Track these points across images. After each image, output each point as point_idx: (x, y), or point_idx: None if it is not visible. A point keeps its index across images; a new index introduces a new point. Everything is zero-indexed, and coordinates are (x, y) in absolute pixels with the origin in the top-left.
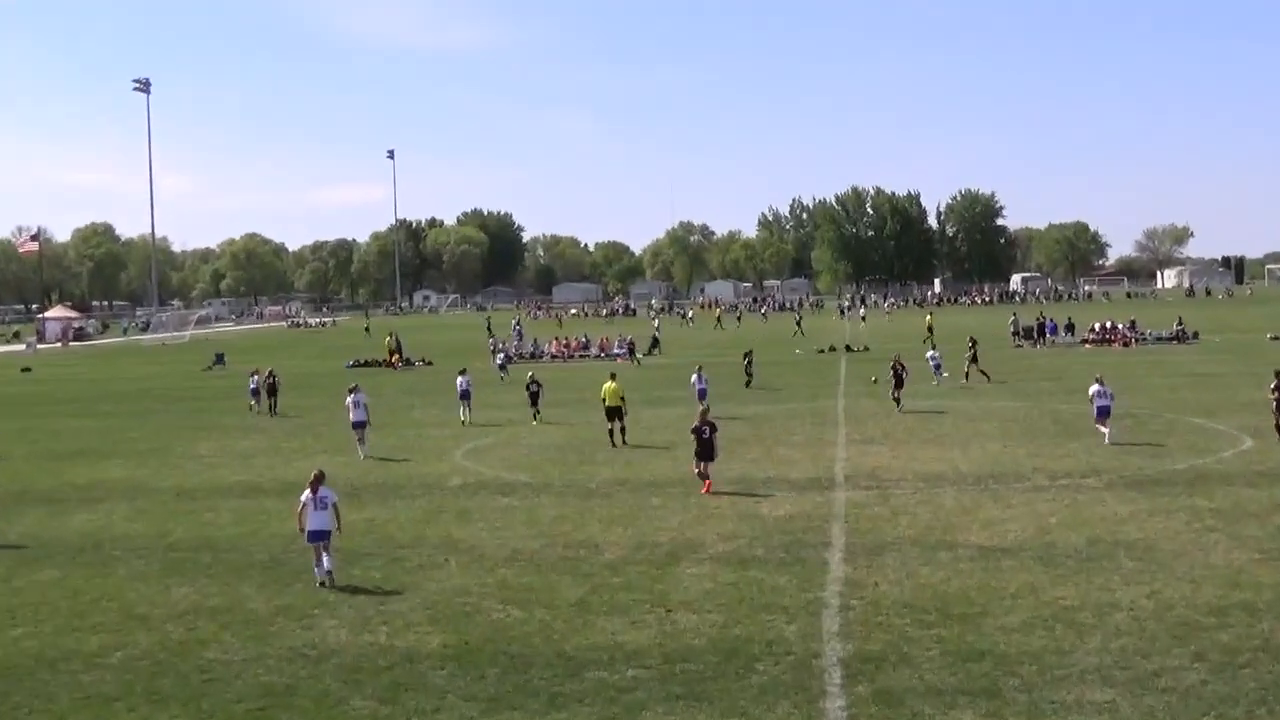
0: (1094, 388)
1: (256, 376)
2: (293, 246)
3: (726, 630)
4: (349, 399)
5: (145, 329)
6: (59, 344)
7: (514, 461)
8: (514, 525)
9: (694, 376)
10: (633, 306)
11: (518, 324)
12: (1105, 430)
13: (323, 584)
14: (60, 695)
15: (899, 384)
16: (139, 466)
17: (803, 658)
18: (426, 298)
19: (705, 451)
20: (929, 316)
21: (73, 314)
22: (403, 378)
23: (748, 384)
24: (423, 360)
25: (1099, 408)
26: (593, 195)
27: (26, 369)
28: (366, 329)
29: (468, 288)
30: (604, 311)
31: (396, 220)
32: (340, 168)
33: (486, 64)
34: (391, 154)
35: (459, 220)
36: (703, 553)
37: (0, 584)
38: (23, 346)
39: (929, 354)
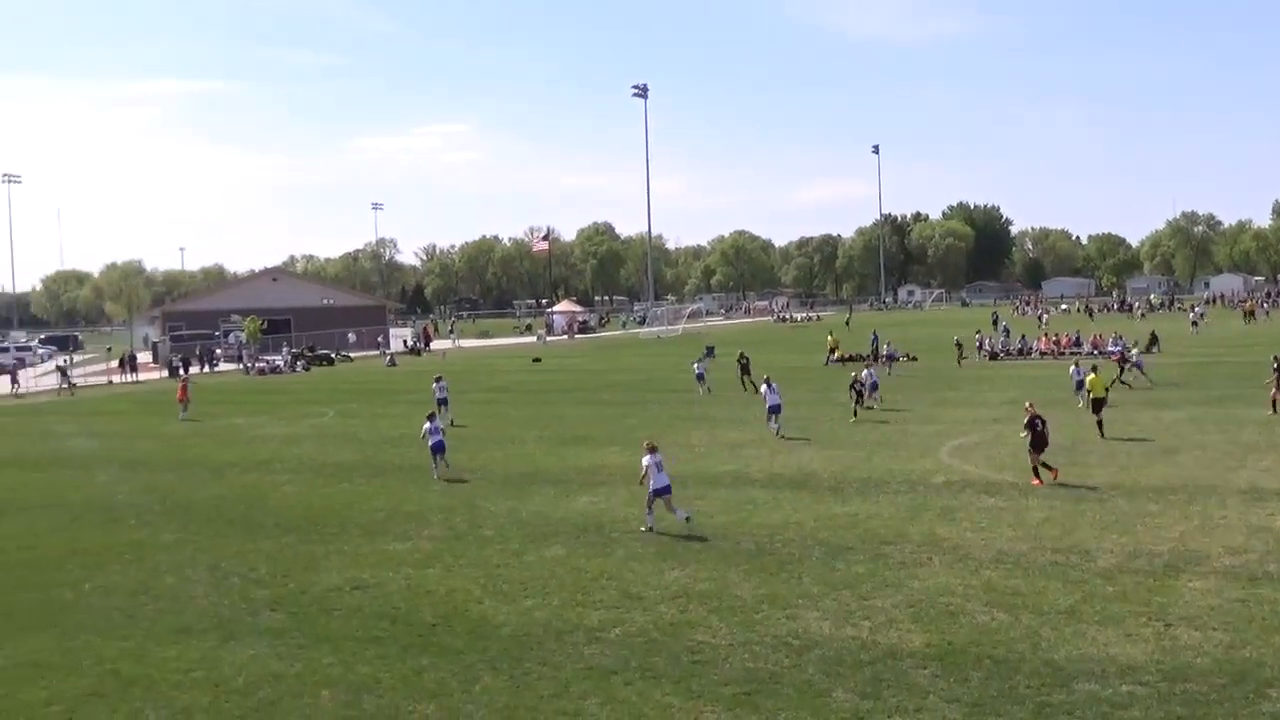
0: None
1: (699, 365)
2: (779, 243)
3: (1234, 651)
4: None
5: (642, 323)
6: (565, 336)
7: (1000, 461)
8: (1000, 526)
9: (764, 388)
10: (1129, 302)
11: (996, 319)
12: None
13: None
14: (564, 664)
15: None
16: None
17: None
18: (911, 293)
19: (1039, 443)
20: None
21: (577, 308)
22: (882, 373)
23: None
24: (907, 356)
25: None
26: (1085, 186)
27: (537, 359)
28: (847, 323)
29: (952, 282)
30: (1096, 307)
31: (881, 215)
32: (824, 164)
33: (968, 55)
34: (876, 149)
35: (944, 214)
36: (1206, 566)
37: (513, 558)
38: (534, 339)
39: None
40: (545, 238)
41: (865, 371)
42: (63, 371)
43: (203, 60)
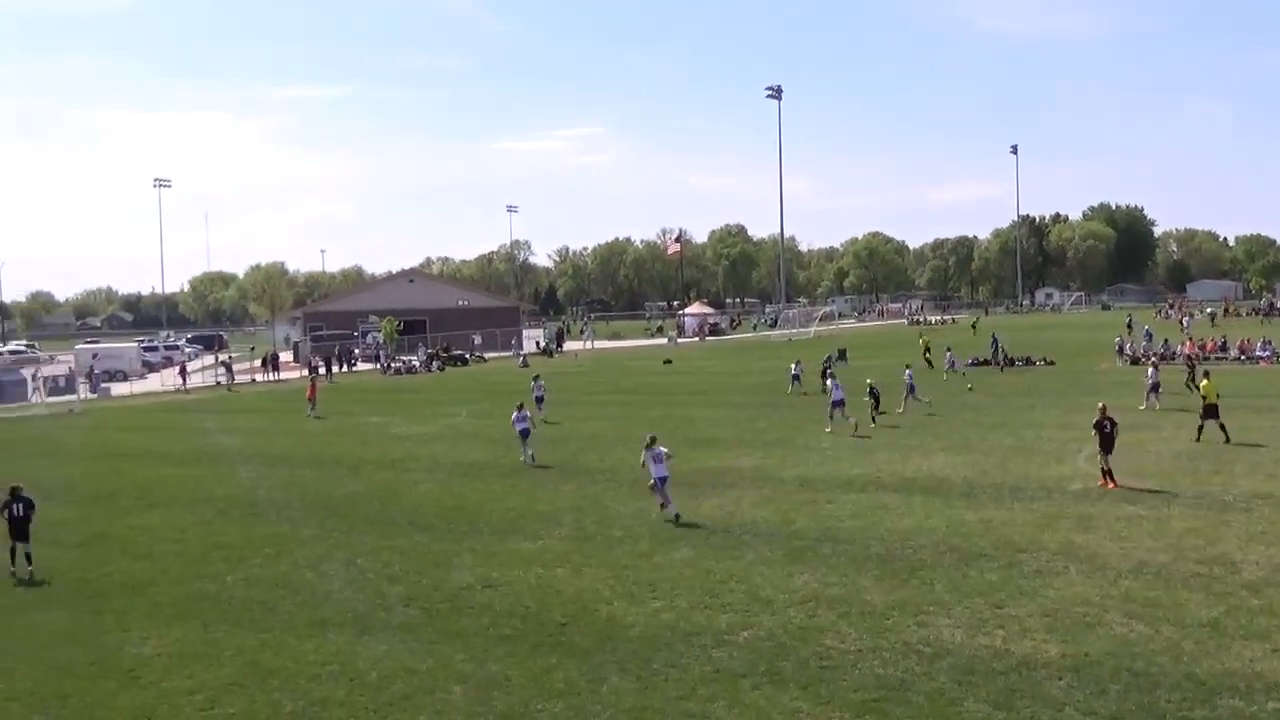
0: None
1: (796, 367)
2: (913, 244)
3: None
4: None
5: (773, 325)
6: (696, 338)
7: (1139, 468)
8: (1139, 535)
9: (829, 383)
10: (1278, 305)
11: (1131, 322)
12: None
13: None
14: (692, 666)
15: None
16: (765, 456)
17: None
18: (1049, 295)
19: (1107, 445)
20: None
21: (709, 310)
22: (1016, 379)
23: None
24: (1044, 360)
25: None
26: (1232, 185)
27: (667, 361)
28: (973, 326)
29: (1093, 285)
30: (1245, 311)
31: (1019, 216)
32: (960, 164)
33: (1109, 50)
34: (1015, 149)
35: (1085, 215)
36: None
37: (642, 560)
38: (664, 341)
39: None
40: (677, 239)
41: (907, 372)
42: (227, 367)
43: (342, 66)
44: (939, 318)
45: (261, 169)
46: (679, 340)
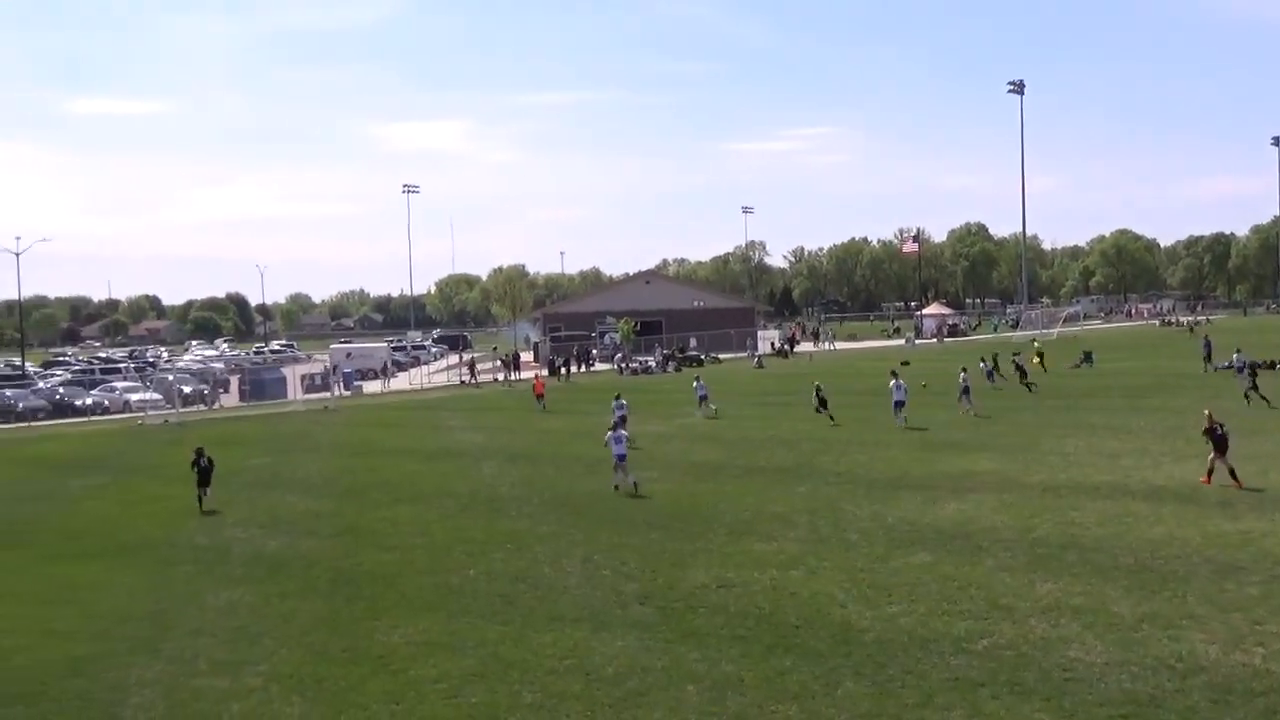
0: None
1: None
2: (1165, 242)
3: None
4: None
5: (1015, 326)
6: (934, 340)
7: None
8: None
9: (892, 383)
10: None
11: None
12: None
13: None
14: (929, 674)
15: None
16: (1007, 460)
17: None
18: None
19: (1222, 446)
20: None
21: (947, 311)
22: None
23: None
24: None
25: None
26: None
27: (905, 363)
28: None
29: None
30: None
31: None
32: (1214, 158)
33: None
34: (1277, 140)
35: None
36: None
37: (878, 563)
38: (901, 342)
39: None
40: (915, 239)
41: (961, 375)
42: (507, 365)
43: (580, 73)
44: (1191, 318)
45: (502, 174)
46: (916, 341)
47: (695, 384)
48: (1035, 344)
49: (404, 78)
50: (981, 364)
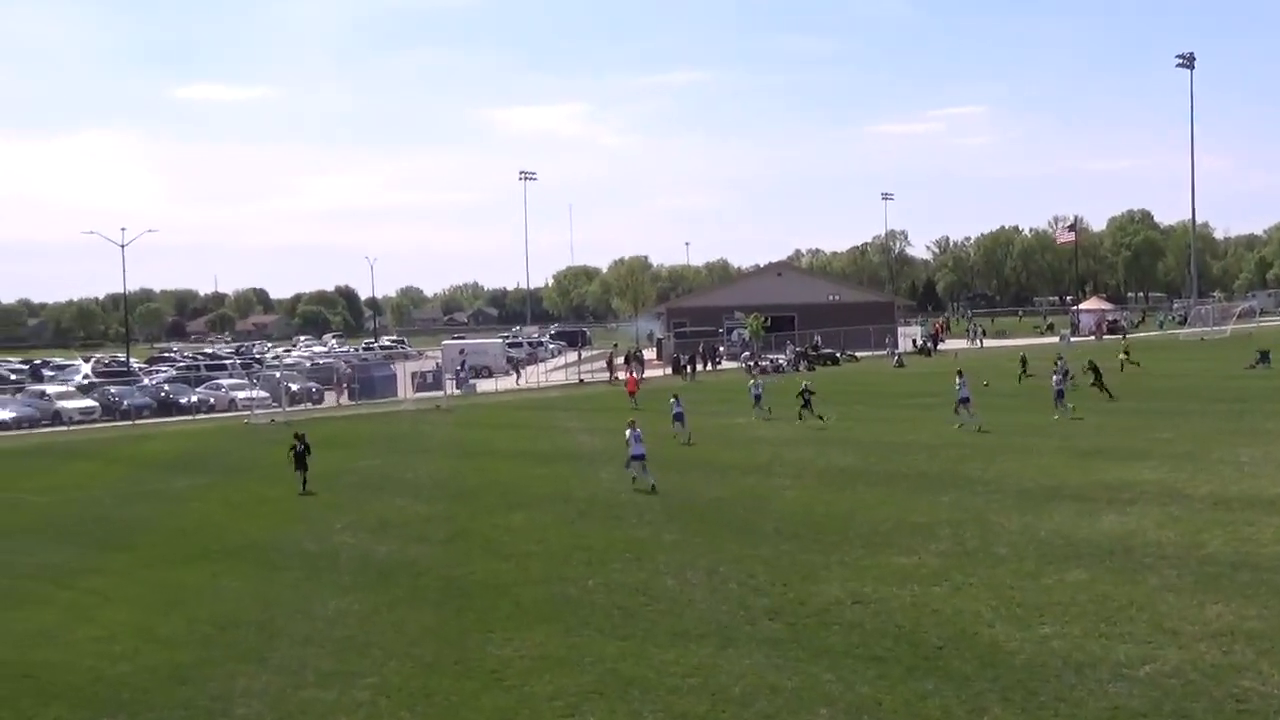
0: None
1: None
2: None
3: None
4: None
5: (1182, 322)
6: (1092, 337)
7: None
8: None
9: (957, 380)
10: None
11: None
12: None
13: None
14: (1085, 701)
15: None
16: (1173, 470)
17: None
18: None
19: None
20: None
21: (1107, 305)
22: None
23: None
24: None
25: None
26: None
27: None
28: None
29: None
30: None
31: None
32: None
33: None
34: None
35: None
36: None
37: (1029, 580)
38: (1056, 339)
39: None
40: (1071, 228)
41: (1055, 377)
42: (637, 360)
43: (704, 51)
44: None
45: (623, 160)
46: (1072, 339)
47: (673, 400)
48: (1124, 341)
49: (511, 59)
50: (1056, 364)
